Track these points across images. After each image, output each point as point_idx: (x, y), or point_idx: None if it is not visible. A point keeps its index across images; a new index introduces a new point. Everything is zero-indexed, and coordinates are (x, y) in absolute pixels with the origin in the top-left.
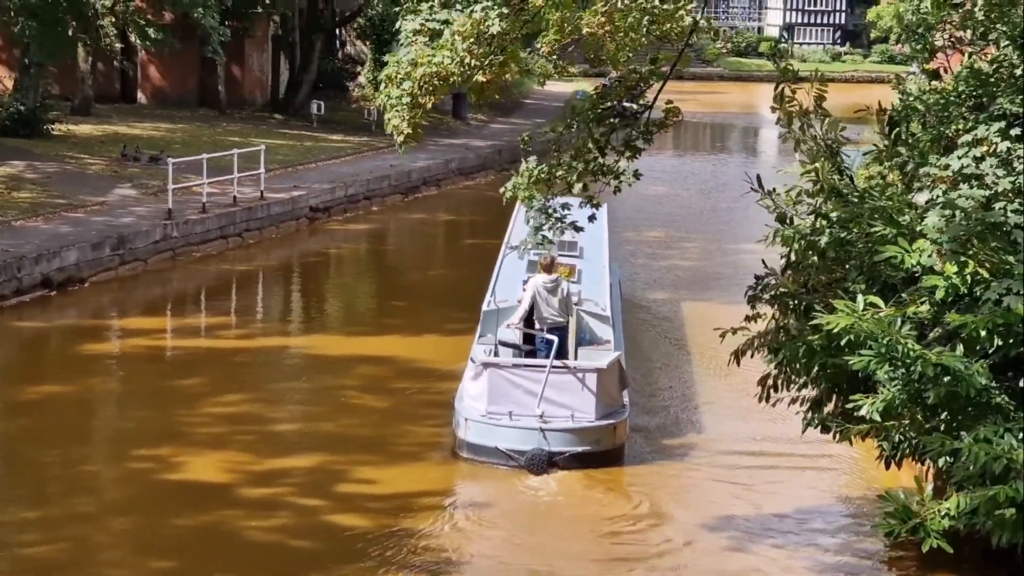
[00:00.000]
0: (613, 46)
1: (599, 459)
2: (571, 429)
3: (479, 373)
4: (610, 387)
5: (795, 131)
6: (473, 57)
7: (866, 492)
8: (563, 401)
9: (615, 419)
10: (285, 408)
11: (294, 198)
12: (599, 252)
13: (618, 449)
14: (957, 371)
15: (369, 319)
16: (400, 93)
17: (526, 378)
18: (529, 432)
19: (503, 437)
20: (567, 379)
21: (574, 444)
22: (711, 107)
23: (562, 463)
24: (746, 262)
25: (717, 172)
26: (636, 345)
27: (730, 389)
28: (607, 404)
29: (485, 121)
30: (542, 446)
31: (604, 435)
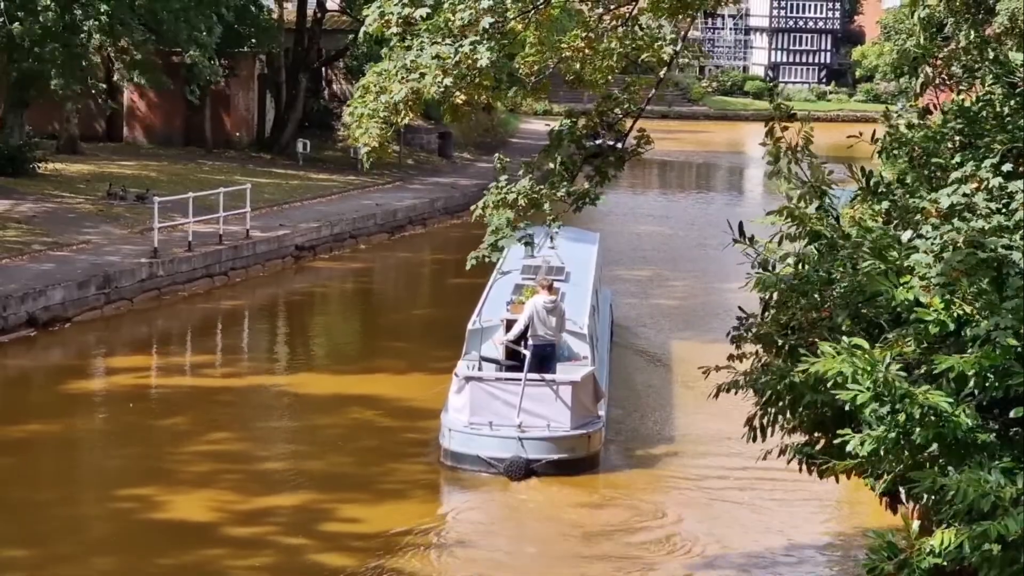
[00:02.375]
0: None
1: (575, 466)
2: (547, 438)
3: (462, 387)
4: (584, 399)
5: (783, 168)
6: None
7: (845, 524)
8: (540, 412)
9: (589, 429)
10: (270, 447)
11: (280, 237)
12: (585, 277)
13: (593, 457)
14: (944, 412)
15: (355, 358)
16: (376, 106)
17: (505, 391)
18: (508, 441)
19: (484, 446)
20: (544, 391)
21: (550, 452)
22: (697, 145)
23: (539, 470)
24: (731, 301)
25: (703, 211)
26: (621, 371)
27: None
28: (582, 415)
29: (471, 160)
30: (520, 454)
31: (579, 444)
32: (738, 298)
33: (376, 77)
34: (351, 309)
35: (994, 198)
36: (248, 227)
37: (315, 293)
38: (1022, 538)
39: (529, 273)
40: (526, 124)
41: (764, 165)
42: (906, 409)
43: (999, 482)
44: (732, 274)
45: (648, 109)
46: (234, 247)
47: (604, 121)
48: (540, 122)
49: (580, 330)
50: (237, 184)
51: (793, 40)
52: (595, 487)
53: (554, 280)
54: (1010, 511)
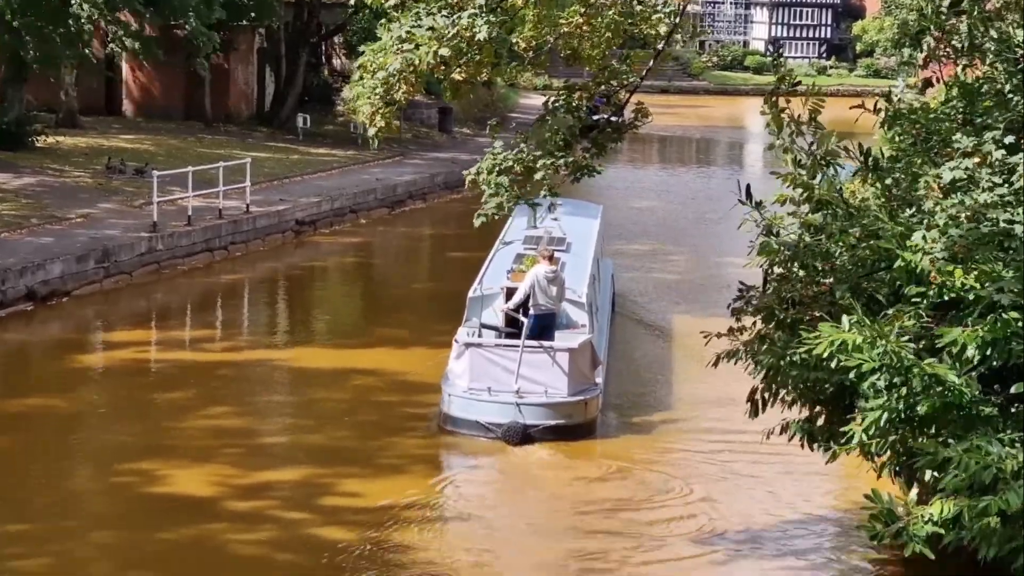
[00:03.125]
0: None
1: (572, 432)
2: (545, 404)
3: (461, 353)
4: (582, 366)
5: (784, 139)
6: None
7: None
8: (538, 378)
9: (586, 395)
10: (270, 421)
11: (280, 211)
12: (586, 248)
13: (590, 423)
14: (950, 382)
15: (355, 332)
16: (375, 83)
17: (504, 357)
18: (506, 406)
19: (482, 411)
20: (542, 358)
21: (548, 418)
22: (697, 120)
23: (536, 435)
24: (731, 274)
25: (703, 185)
26: (621, 340)
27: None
28: (579, 382)
29: (471, 135)
30: (518, 419)
31: (576, 410)
32: (739, 272)
33: (373, 55)
34: (351, 283)
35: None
36: (248, 201)
37: (315, 267)
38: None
39: (531, 243)
40: (526, 99)
41: (764, 140)
42: (911, 380)
43: (1001, 455)
44: (732, 248)
45: (648, 84)
46: (234, 221)
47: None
48: (540, 97)
49: (579, 299)
50: (237, 158)
51: (793, 14)
52: (592, 454)
53: (555, 250)
54: (1011, 484)
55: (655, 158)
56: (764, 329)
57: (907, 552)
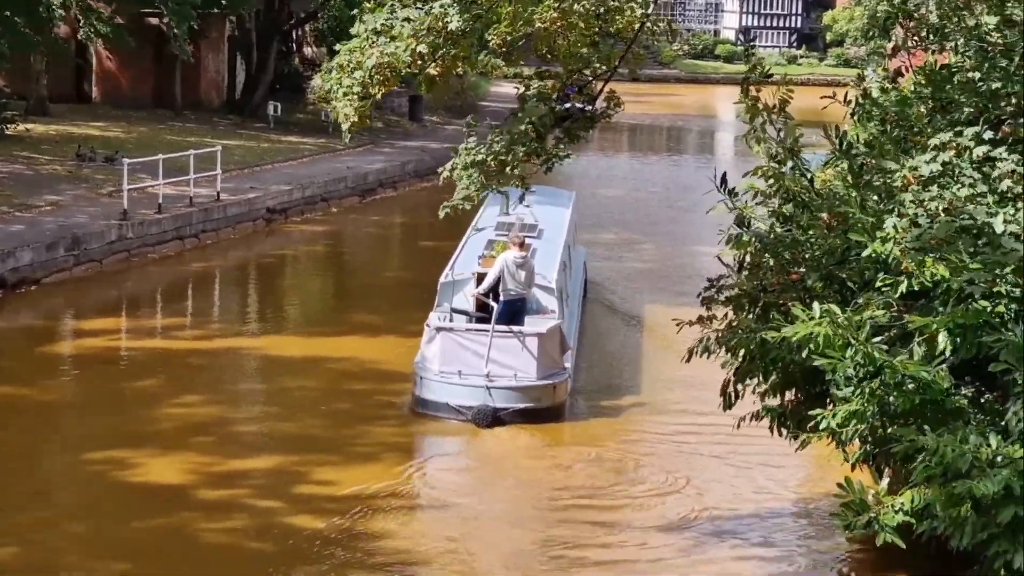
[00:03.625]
0: (564, 42)
1: (540, 415)
2: (514, 387)
3: (433, 337)
4: (551, 351)
5: (756, 128)
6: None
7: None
8: (508, 362)
9: (555, 379)
10: (243, 409)
11: (251, 199)
12: (558, 235)
13: (558, 407)
14: (922, 379)
15: (326, 320)
16: (351, 82)
17: (474, 341)
18: (476, 389)
19: (453, 394)
20: (511, 343)
21: (517, 401)
22: (667, 109)
23: (506, 418)
24: (702, 263)
25: (674, 174)
26: (593, 327)
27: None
28: (548, 366)
29: (440, 123)
30: (488, 402)
31: (544, 393)
32: (709, 261)
33: (349, 54)
34: (323, 272)
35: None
36: (219, 189)
37: (286, 256)
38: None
39: (503, 230)
40: (497, 87)
41: (735, 128)
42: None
43: (977, 443)
44: (703, 236)
45: (619, 72)
46: (204, 209)
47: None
48: (511, 85)
49: (548, 284)
50: (207, 146)
51: (764, 4)
52: (562, 438)
53: (526, 237)
54: (987, 472)
55: (626, 147)
56: (735, 319)
57: (878, 542)
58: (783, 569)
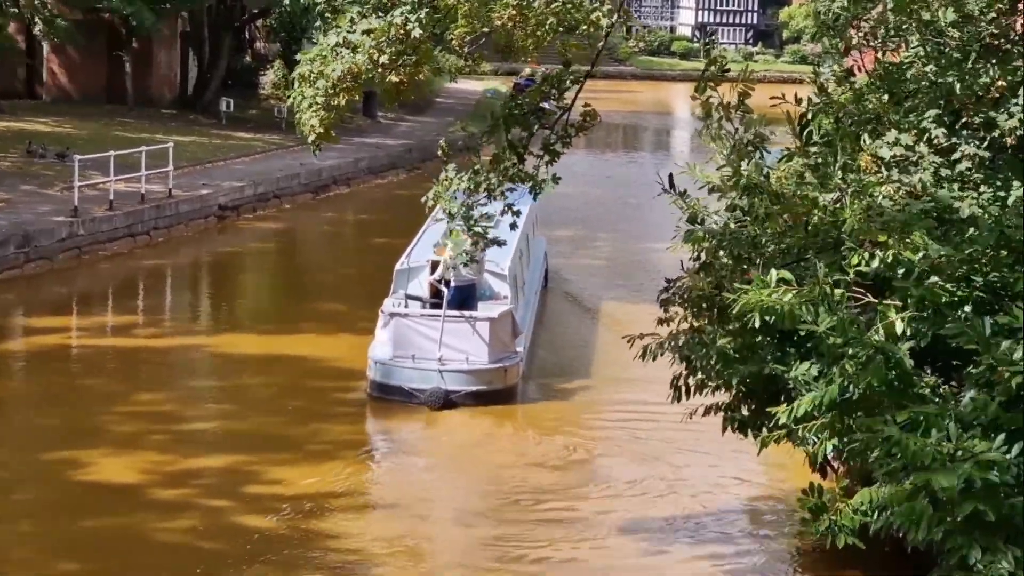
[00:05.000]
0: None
1: (492, 397)
2: (466, 371)
3: (387, 322)
4: (502, 335)
5: (712, 125)
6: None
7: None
8: (460, 346)
9: (506, 363)
10: (196, 407)
11: (203, 196)
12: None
13: (510, 389)
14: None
15: (280, 318)
16: (315, 92)
17: (427, 326)
18: (429, 373)
19: (406, 378)
20: (463, 327)
21: (469, 384)
22: (624, 106)
23: (458, 400)
24: (658, 262)
25: (630, 172)
26: (550, 316)
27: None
28: (499, 350)
29: (395, 120)
30: (440, 385)
31: (496, 376)
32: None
33: (311, 64)
34: (276, 269)
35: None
36: (171, 186)
37: (239, 253)
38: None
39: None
40: (451, 83)
41: (691, 125)
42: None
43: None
44: (659, 233)
45: (573, 69)
46: (156, 206)
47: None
48: (467, 81)
49: (501, 271)
50: (159, 143)
51: (720, 0)
52: (514, 421)
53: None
54: (947, 465)
55: (581, 144)
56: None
57: (839, 543)
58: (739, 567)
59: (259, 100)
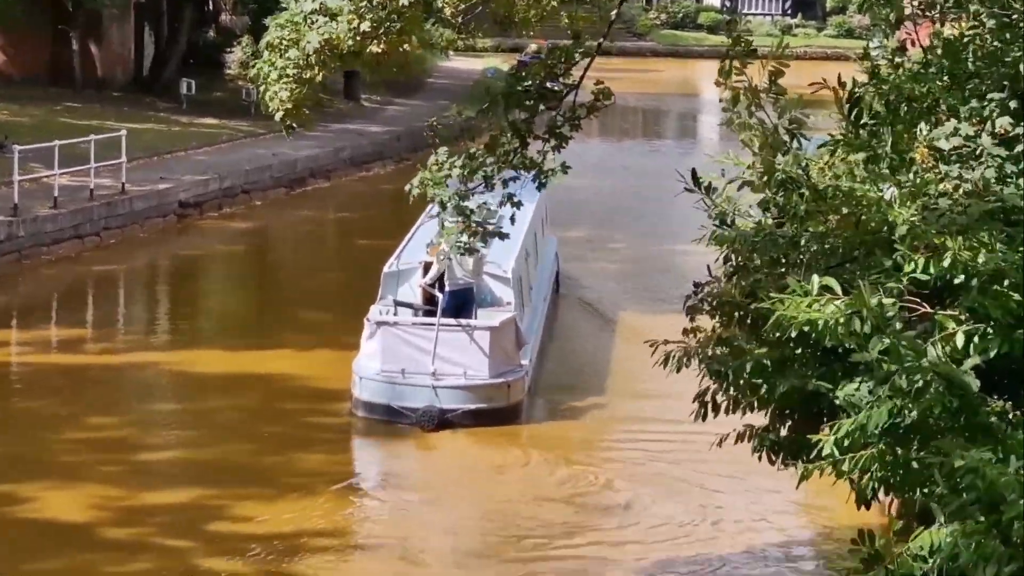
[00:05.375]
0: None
1: (493, 417)
2: (463, 386)
3: (373, 332)
4: (504, 346)
5: (741, 112)
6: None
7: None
8: (456, 359)
9: (509, 377)
10: (154, 434)
11: (161, 191)
12: (520, 222)
13: (514, 407)
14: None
15: (250, 331)
16: (285, 63)
17: (419, 336)
18: (421, 389)
19: (396, 395)
20: (460, 337)
21: (466, 401)
22: (644, 87)
23: (455, 420)
24: (683, 265)
25: (650, 162)
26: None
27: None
28: (501, 362)
29: (381, 103)
30: (434, 403)
31: (497, 393)
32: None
33: (281, 31)
34: (246, 275)
35: (1001, 142)
36: (124, 180)
37: (203, 257)
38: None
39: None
40: (445, 61)
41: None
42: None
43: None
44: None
45: (588, 45)
46: (108, 203)
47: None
48: (463, 59)
49: (503, 274)
50: (111, 130)
51: None
52: (518, 443)
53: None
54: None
55: (596, 131)
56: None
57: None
58: None
59: (225, 81)
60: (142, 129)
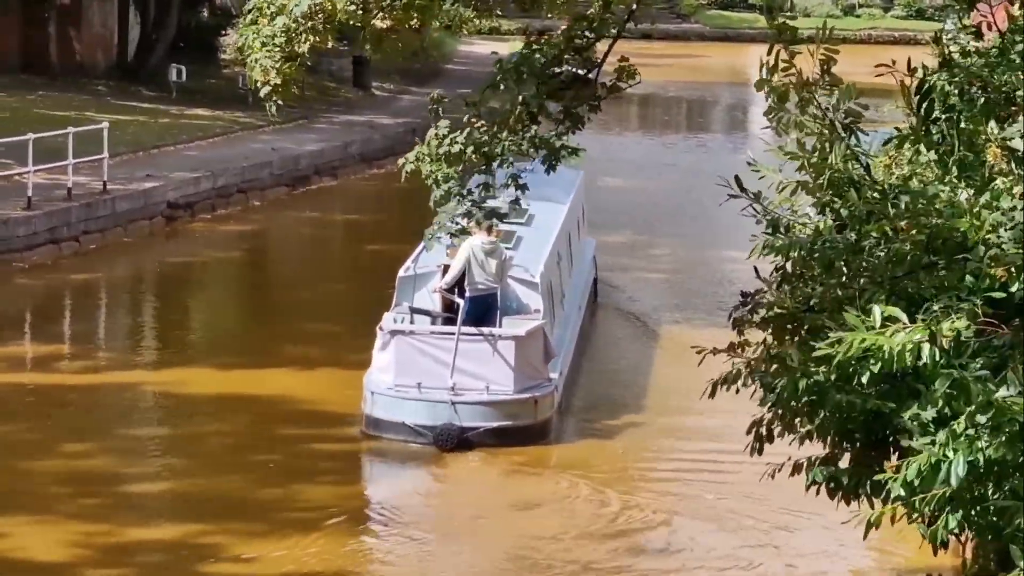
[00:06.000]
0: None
1: (519, 436)
2: (485, 402)
3: (387, 342)
4: (531, 357)
5: (790, 111)
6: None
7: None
8: (478, 372)
9: (537, 392)
10: (139, 462)
11: (147, 191)
12: (552, 219)
13: (541, 425)
14: None
15: (246, 348)
16: (272, 31)
17: (437, 347)
18: (439, 405)
19: (411, 411)
20: (482, 347)
21: (488, 419)
22: (689, 74)
23: (475, 439)
24: (732, 273)
25: (698, 159)
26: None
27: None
28: (528, 376)
29: (395, 92)
30: (453, 420)
31: (523, 409)
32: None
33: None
34: (242, 285)
35: None
36: (105, 178)
37: (194, 264)
38: None
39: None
40: (467, 46)
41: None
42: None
43: None
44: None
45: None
46: (87, 204)
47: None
48: (485, 43)
49: (531, 278)
50: (91, 122)
51: None
52: (548, 468)
53: (512, 224)
54: None
55: (635, 124)
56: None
57: None
58: None
59: (220, 67)
60: (126, 121)
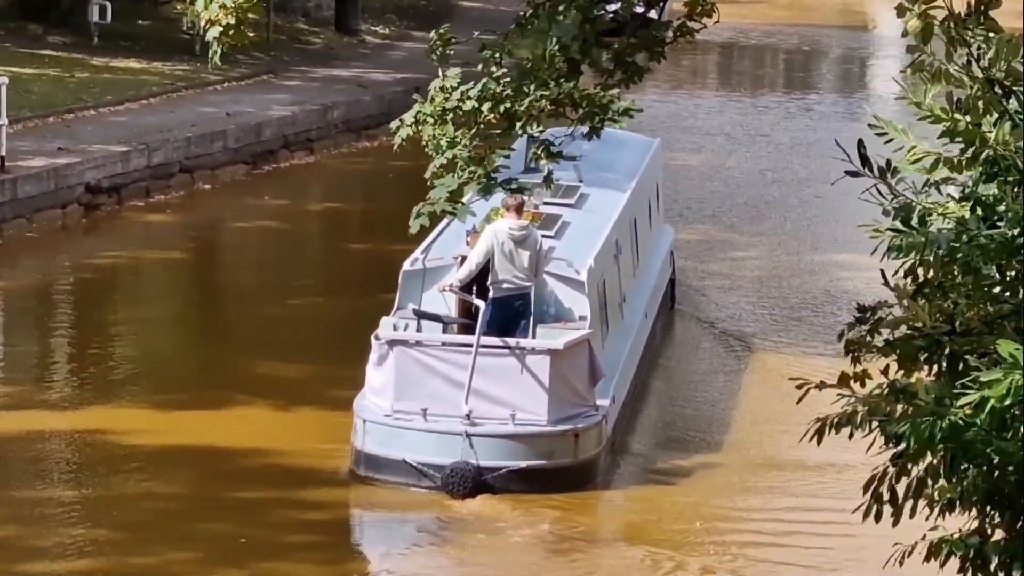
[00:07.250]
0: None
1: (552, 479)
2: (510, 435)
3: (384, 355)
4: (572, 378)
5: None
6: None
7: None
8: (501, 396)
9: (579, 423)
10: (51, 534)
11: (59, 169)
12: (610, 202)
13: (584, 467)
14: None
15: (193, 382)
16: None
17: (449, 362)
18: (451, 438)
19: (413, 446)
20: (507, 364)
21: (515, 456)
22: (790, 15)
23: (497, 483)
24: (846, 279)
25: (799, 128)
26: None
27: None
28: (567, 401)
29: (391, 38)
30: (468, 458)
31: (560, 445)
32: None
33: None
34: (186, 297)
35: None
36: (3, 152)
37: (122, 267)
38: None
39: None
40: None
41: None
42: None
43: None
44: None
45: None
46: None
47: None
48: None
49: (576, 276)
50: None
51: None
52: (593, 522)
53: (557, 206)
54: None
55: (714, 82)
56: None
57: None
58: None
59: (156, 5)
60: (30, 75)
